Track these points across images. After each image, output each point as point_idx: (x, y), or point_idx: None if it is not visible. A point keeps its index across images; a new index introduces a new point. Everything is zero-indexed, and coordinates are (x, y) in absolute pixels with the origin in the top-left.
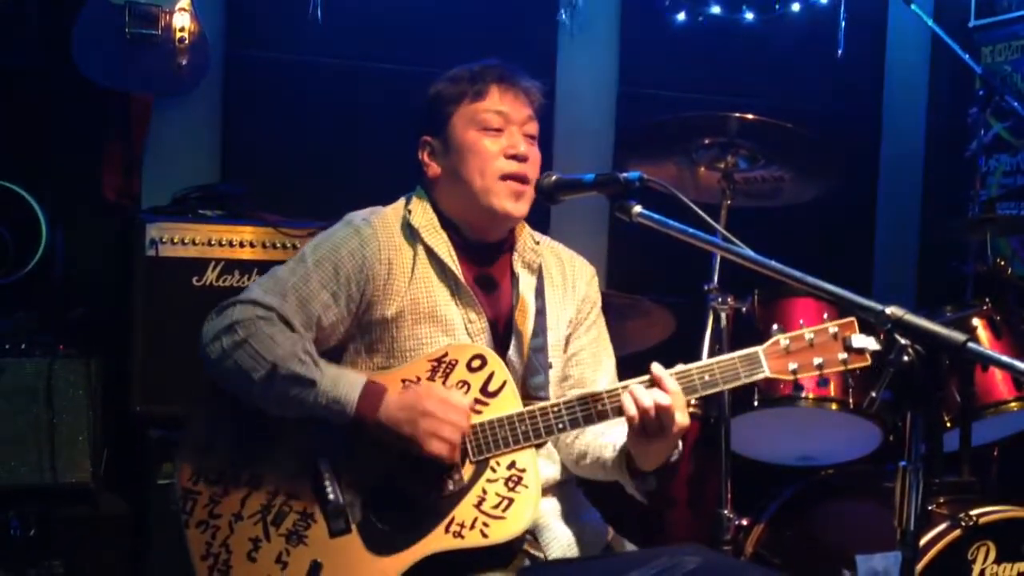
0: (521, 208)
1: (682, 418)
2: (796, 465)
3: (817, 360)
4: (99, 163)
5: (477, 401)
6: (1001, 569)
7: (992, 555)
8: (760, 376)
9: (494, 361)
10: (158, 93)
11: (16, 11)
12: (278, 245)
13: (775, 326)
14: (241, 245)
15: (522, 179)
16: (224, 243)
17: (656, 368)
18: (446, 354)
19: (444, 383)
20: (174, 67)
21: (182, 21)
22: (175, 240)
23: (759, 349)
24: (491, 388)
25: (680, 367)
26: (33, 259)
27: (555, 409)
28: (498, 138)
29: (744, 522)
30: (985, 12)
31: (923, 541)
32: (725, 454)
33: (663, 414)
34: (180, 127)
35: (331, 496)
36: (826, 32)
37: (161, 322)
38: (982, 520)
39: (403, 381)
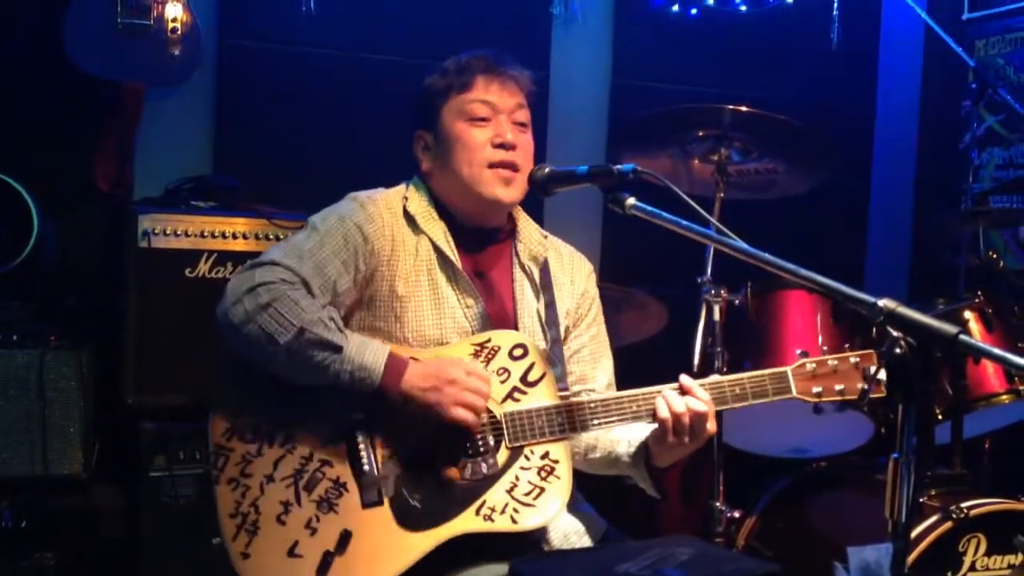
0: (511, 194)
1: (712, 426)
2: (788, 457)
3: (839, 387)
4: (91, 153)
5: (516, 389)
6: (992, 561)
7: (983, 547)
8: (787, 396)
9: (534, 351)
10: (150, 83)
11: (8, 0)
12: (271, 236)
13: (798, 350)
14: (234, 236)
15: (511, 166)
16: (217, 234)
17: (685, 379)
18: (489, 340)
19: (486, 368)
20: (166, 57)
21: (175, 11)
22: (168, 231)
23: (787, 369)
24: (531, 378)
25: (714, 378)
26: (25, 250)
27: (591, 406)
28: (485, 127)
29: (736, 514)
30: (979, 5)
31: (914, 533)
32: (718, 446)
33: (697, 420)
34: (172, 118)
35: (366, 467)
36: (820, 24)
37: (153, 313)
38: (973, 512)
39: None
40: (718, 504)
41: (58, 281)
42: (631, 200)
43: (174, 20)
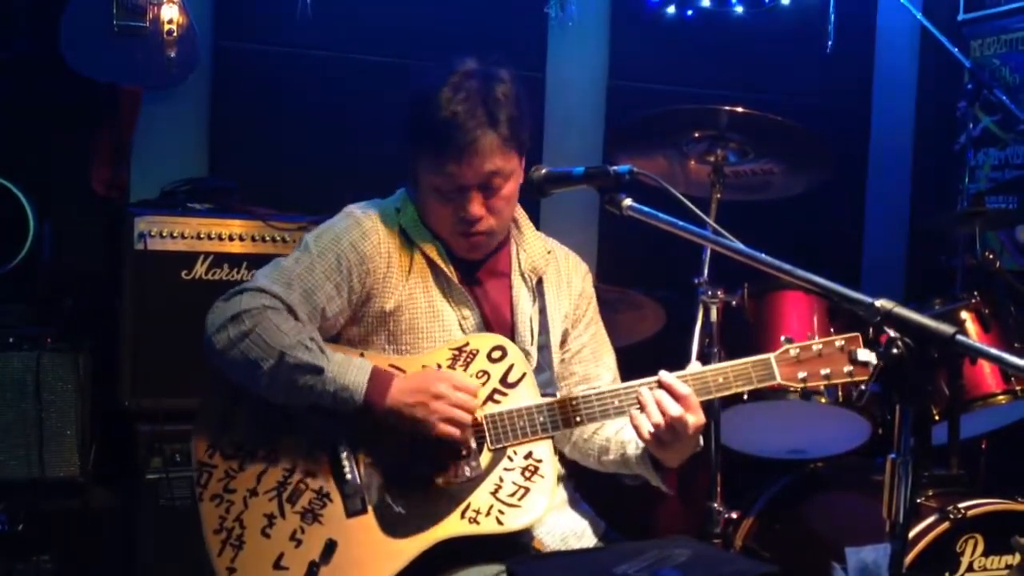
0: (477, 253)
1: (696, 419)
2: (786, 458)
3: (824, 371)
4: (87, 155)
5: (496, 391)
6: (989, 562)
7: (980, 548)
8: (772, 382)
9: (514, 352)
10: (146, 86)
11: (4, 2)
12: (267, 238)
13: (783, 336)
14: (230, 238)
15: (476, 234)
16: (213, 236)
17: (665, 376)
18: (468, 343)
19: (465, 372)
20: (162, 60)
21: (170, 13)
22: (164, 233)
23: (771, 356)
24: (510, 379)
25: (695, 368)
26: (21, 252)
27: (573, 403)
28: (452, 200)
29: (734, 515)
30: (974, 6)
31: (912, 534)
32: (715, 448)
33: (676, 423)
34: (168, 120)
35: (348, 476)
36: (816, 25)
37: (150, 316)
38: (970, 513)
39: (424, 368)
40: (716, 505)
41: (54, 283)
42: (628, 201)
43: (170, 22)
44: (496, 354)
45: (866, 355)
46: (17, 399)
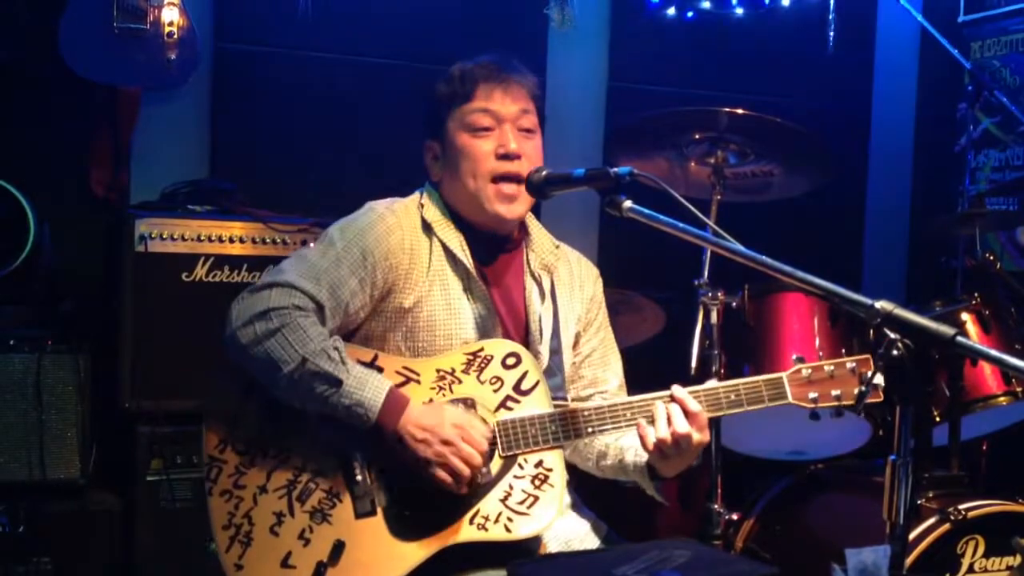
0: (514, 210)
1: (700, 437)
2: (786, 460)
3: (835, 392)
4: (87, 157)
5: (509, 398)
6: (990, 563)
7: (981, 549)
8: (783, 402)
9: (528, 360)
10: (146, 87)
11: (3, 4)
12: (268, 240)
13: (794, 355)
14: (231, 240)
15: (515, 178)
16: (214, 239)
17: (678, 391)
18: (482, 349)
19: (479, 377)
20: (162, 61)
21: (170, 15)
22: (164, 235)
23: (783, 375)
24: (524, 386)
25: (709, 384)
26: (21, 254)
27: (585, 414)
28: (488, 138)
29: (734, 517)
30: (974, 7)
31: (912, 535)
32: (715, 449)
33: (682, 440)
34: (168, 122)
35: (359, 477)
36: (816, 27)
37: (150, 318)
38: (971, 514)
39: (438, 371)
40: (716, 506)
41: (55, 285)
42: (628, 203)
43: (170, 24)
44: (510, 361)
45: (878, 378)
46: (17, 401)
